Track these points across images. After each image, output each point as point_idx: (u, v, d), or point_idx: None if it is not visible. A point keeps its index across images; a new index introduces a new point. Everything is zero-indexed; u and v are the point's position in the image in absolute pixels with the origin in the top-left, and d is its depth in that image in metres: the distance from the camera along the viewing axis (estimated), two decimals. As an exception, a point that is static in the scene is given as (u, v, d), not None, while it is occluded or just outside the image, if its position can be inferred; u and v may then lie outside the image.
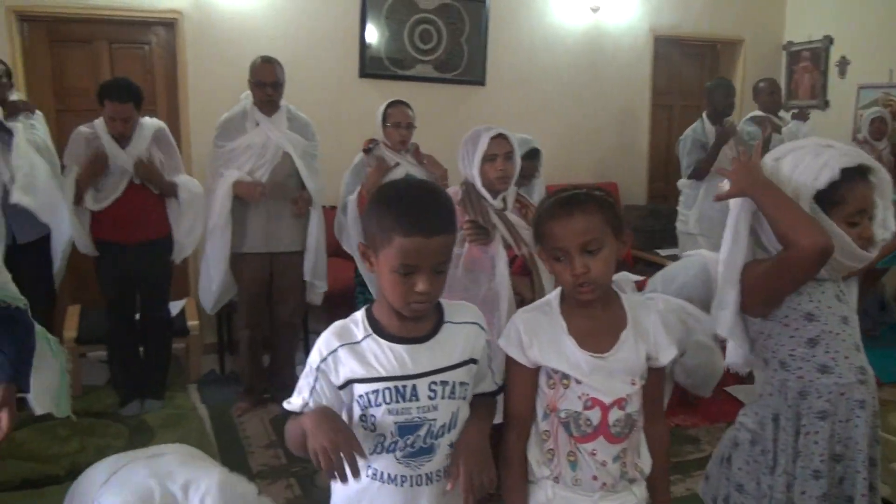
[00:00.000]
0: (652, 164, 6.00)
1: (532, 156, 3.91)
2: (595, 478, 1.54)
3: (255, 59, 3.71)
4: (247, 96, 3.73)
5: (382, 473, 1.44)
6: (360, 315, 1.48)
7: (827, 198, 1.58)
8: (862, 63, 5.68)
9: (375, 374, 1.40)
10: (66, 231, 3.57)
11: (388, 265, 1.36)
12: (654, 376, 1.60)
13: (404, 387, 1.41)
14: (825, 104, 5.94)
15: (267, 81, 3.63)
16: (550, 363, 1.54)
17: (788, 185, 1.60)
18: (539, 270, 2.62)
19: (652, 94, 5.85)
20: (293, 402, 1.46)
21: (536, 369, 1.57)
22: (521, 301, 2.59)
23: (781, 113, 5.17)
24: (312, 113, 4.05)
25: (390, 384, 1.40)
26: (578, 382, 1.53)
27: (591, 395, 1.53)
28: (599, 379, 1.53)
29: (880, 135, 5.09)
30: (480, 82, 5.22)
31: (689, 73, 6.26)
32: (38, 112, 3.75)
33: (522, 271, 2.63)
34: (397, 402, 1.40)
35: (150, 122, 3.67)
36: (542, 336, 1.55)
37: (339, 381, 1.42)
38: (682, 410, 3.86)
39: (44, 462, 3.25)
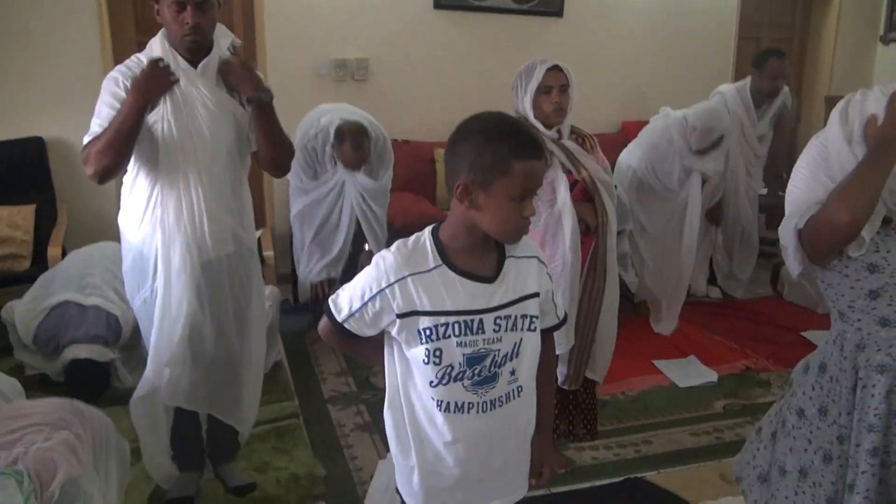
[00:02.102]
0: (736, 100, 5.76)
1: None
2: None
3: (340, 127, 3.54)
4: (330, 121, 3.58)
5: (450, 403, 1.48)
6: (427, 240, 1.48)
7: None
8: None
9: (445, 308, 1.43)
10: None
11: (507, 194, 1.38)
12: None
13: (472, 321, 1.43)
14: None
15: (362, 160, 3.59)
16: None
17: None
18: (601, 195, 2.57)
19: (739, 25, 5.56)
20: (339, 305, 1.51)
21: None
22: (585, 228, 2.56)
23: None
24: (386, 45, 4.04)
25: (460, 318, 1.43)
26: None
27: None
28: None
29: None
30: (558, 14, 5.07)
31: (780, 4, 5.91)
32: None
33: (584, 197, 2.58)
34: (466, 334, 1.43)
35: None
36: None
37: (402, 310, 1.43)
38: (754, 353, 3.80)
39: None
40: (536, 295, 1.52)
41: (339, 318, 1.50)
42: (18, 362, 3.34)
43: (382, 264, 1.45)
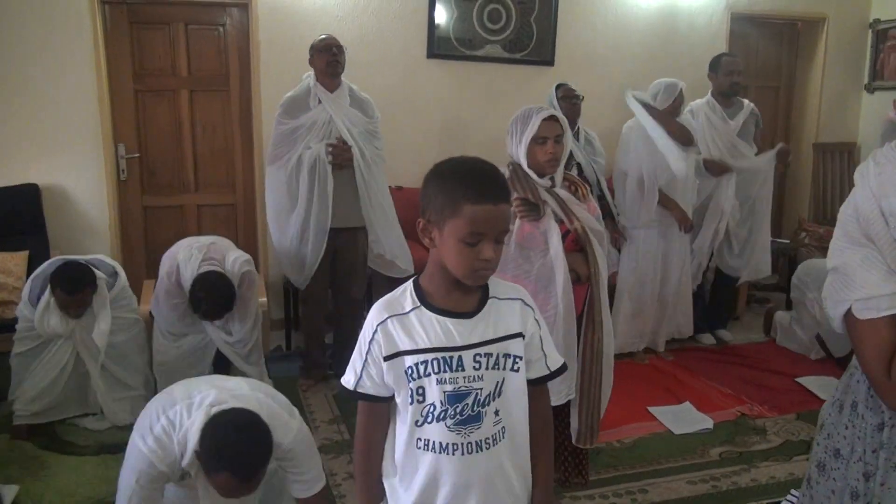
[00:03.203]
0: (725, 146, 5.83)
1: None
2: None
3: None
4: (309, 76, 3.77)
5: (434, 443, 1.47)
6: (408, 287, 1.52)
7: None
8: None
9: (423, 346, 1.44)
10: None
11: (456, 235, 1.39)
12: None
13: (450, 357, 1.45)
14: (913, 85, 5.66)
15: (332, 43, 3.69)
16: None
17: None
18: (593, 245, 2.58)
19: (727, 74, 5.66)
20: (347, 378, 1.53)
21: None
22: (576, 278, 2.56)
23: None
24: (379, 94, 4.08)
25: (437, 355, 1.44)
26: None
27: None
28: None
29: None
30: (549, 62, 5.15)
31: (767, 53, 6.03)
32: None
33: (575, 247, 2.58)
34: (445, 371, 1.44)
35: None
36: None
37: (387, 352, 1.45)
38: (749, 399, 3.78)
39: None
40: (521, 336, 1.52)
41: (352, 386, 1.51)
42: (9, 412, 3.32)
43: (368, 319, 1.50)
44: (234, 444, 1.92)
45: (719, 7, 5.49)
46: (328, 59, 3.68)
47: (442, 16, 4.87)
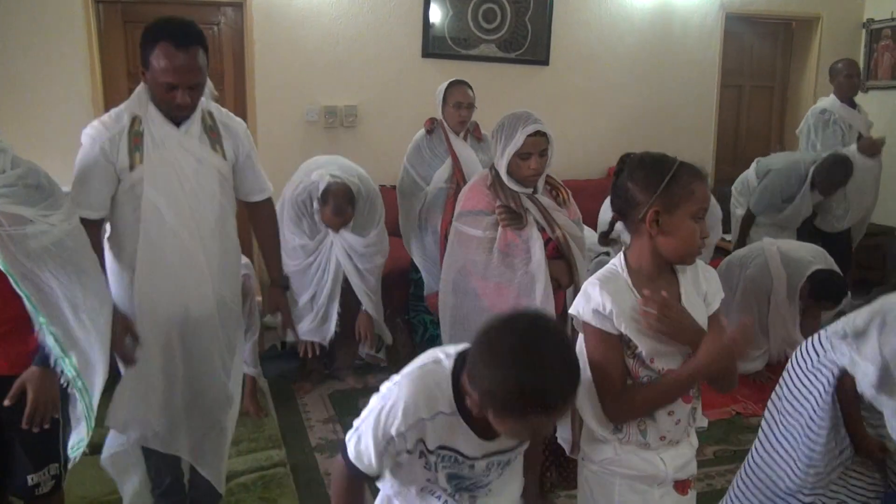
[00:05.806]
0: (719, 145, 5.85)
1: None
2: (663, 437, 1.65)
3: (327, 188, 3.48)
4: (321, 177, 3.53)
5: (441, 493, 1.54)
6: (446, 386, 1.43)
7: None
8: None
9: (447, 445, 1.45)
10: None
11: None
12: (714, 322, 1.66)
13: (465, 460, 1.48)
14: (907, 85, 5.68)
15: (341, 223, 3.58)
16: (633, 337, 1.58)
17: None
18: (573, 252, 2.55)
19: (721, 73, 5.68)
20: (349, 437, 1.50)
21: (620, 335, 1.58)
22: (556, 286, 2.53)
23: (858, 98, 4.94)
24: (374, 95, 4.08)
25: (453, 454, 1.47)
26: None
27: (668, 367, 1.59)
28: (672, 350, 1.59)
29: None
30: (544, 62, 5.16)
31: (761, 53, 6.06)
32: None
33: (556, 254, 2.55)
34: (454, 469, 1.48)
35: None
36: (624, 309, 1.56)
37: (411, 444, 1.44)
38: (745, 398, 3.79)
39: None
40: None
41: (351, 456, 1.50)
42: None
43: (401, 407, 1.45)
44: None
45: (713, 6, 5.50)
46: (334, 227, 3.57)
47: (437, 15, 4.87)
